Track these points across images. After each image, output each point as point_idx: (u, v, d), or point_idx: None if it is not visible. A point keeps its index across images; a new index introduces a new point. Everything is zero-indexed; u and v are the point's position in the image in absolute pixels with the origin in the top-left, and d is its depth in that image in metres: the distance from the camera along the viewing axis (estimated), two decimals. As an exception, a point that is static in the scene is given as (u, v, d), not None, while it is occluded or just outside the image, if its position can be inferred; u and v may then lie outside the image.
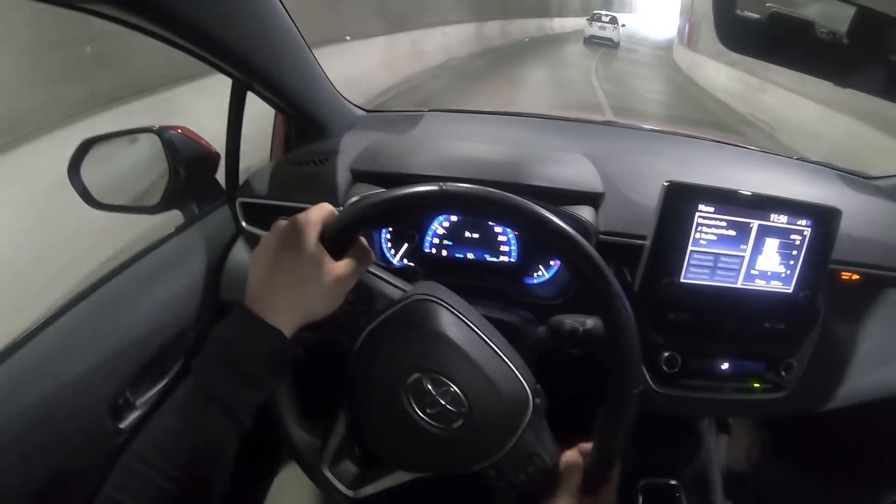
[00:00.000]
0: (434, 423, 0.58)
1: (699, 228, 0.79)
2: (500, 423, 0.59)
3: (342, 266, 0.56)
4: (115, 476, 0.50)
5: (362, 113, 1.23)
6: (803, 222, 0.80)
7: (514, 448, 0.59)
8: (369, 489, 0.64)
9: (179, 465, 0.50)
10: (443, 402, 0.57)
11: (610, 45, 21.04)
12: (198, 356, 0.53)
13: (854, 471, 1.18)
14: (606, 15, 22.37)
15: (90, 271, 2.41)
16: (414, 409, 0.58)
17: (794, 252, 0.81)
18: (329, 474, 0.64)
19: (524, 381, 0.60)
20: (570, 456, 0.60)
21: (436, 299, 0.61)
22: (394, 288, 0.63)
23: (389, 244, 0.94)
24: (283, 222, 0.57)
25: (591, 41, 21.19)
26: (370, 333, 0.60)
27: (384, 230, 0.94)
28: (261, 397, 0.53)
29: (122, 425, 0.75)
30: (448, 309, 0.61)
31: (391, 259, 0.94)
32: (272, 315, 0.53)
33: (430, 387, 0.57)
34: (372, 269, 0.64)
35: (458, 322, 0.60)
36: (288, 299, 0.54)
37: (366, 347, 0.60)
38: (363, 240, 0.59)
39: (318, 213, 0.57)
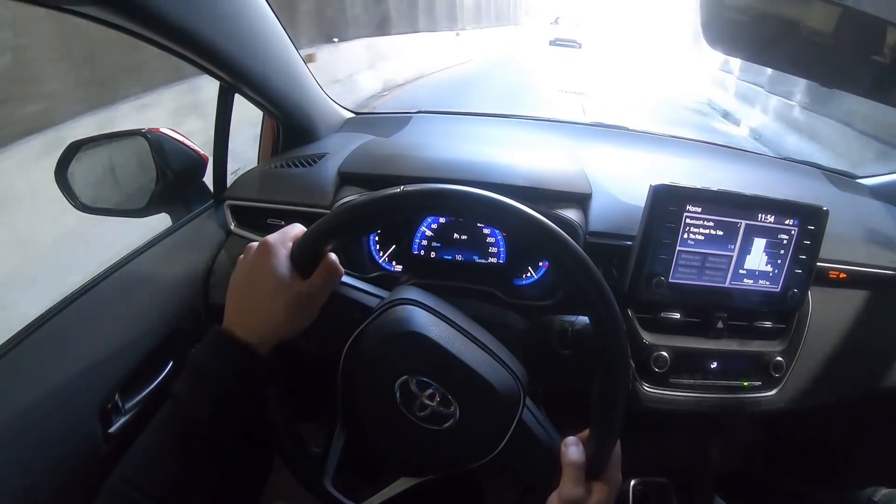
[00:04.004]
0: (427, 425, 0.58)
1: (687, 229, 0.79)
2: (493, 416, 0.58)
3: (311, 283, 0.58)
4: (101, 499, 0.51)
5: (350, 115, 1.23)
6: (790, 222, 0.81)
7: (513, 439, 0.59)
8: (375, 499, 0.64)
9: (163, 486, 0.52)
10: (432, 403, 0.57)
11: (574, 45, 22.52)
12: (176, 379, 0.55)
13: (844, 468, 1.19)
14: (569, 19, 24.78)
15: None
16: (405, 413, 0.58)
17: (782, 251, 0.82)
18: (332, 489, 0.63)
19: (513, 372, 0.60)
20: (571, 442, 0.59)
21: (411, 301, 0.61)
22: (371, 297, 0.64)
23: (378, 246, 0.94)
24: (254, 244, 0.59)
25: (556, 43, 22.76)
26: (352, 344, 0.60)
27: (372, 233, 0.93)
28: (238, 415, 0.56)
29: (112, 430, 0.75)
30: (425, 309, 0.61)
31: (378, 260, 0.94)
32: (245, 335, 0.55)
33: (416, 389, 0.57)
34: (348, 281, 0.64)
35: (436, 321, 0.60)
36: (259, 319, 0.56)
37: (350, 358, 0.60)
38: (331, 255, 0.60)
39: (287, 234, 0.60)
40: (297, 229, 0.61)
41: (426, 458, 0.61)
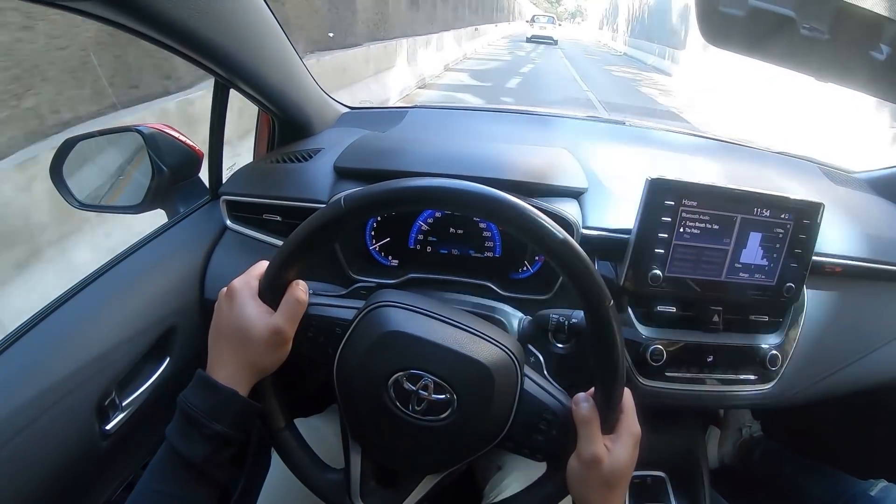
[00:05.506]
0: (428, 418, 0.58)
1: (683, 223, 0.79)
2: (492, 394, 0.58)
3: (278, 317, 0.60)
4: None
5: (346, 110, 1.23)
6: (786, 216, 0.81)
7: (519, 412, 0.59)
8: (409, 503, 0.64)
9: None
10: (427, 395, 0.57)
11: (550, 42, 24.68)
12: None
13: (841, 461, 1.20)
14: (545, 16, 27.59)
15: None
16: (403, 411, 0.58)
17: (778, 245, 0.82)
18: None
19: (503, 346, 0.60)
20: (581, 399, 0.59)
21: (384, 303, 0.61)
22: (346, 310, 0.64)
23: (374, 241, 0.94)
24: (224, 290, 0.62)
25: (533, 40, 24.96)
26: (340, 358, 0.61)
27: (368, 226, 0.93)
28: (230, 451, 0.59)
29: (108, 427, 0.75)
30: (399, 307, 0.61)
31: (374, 254, 0.94)
32: (226, 378, 0.58)
33: (408, 385, 0.57)
34: (321, 301, 0.65)
35: (412, 316, 0.60)
36: (235, 362, 0.59)
37: (341, 372, 0.61)
38: (296, 283, 0.61)
39: (252, 273, 0.62)
40: (261, 267, 0.62)
41: (438, 452, 0.61)
